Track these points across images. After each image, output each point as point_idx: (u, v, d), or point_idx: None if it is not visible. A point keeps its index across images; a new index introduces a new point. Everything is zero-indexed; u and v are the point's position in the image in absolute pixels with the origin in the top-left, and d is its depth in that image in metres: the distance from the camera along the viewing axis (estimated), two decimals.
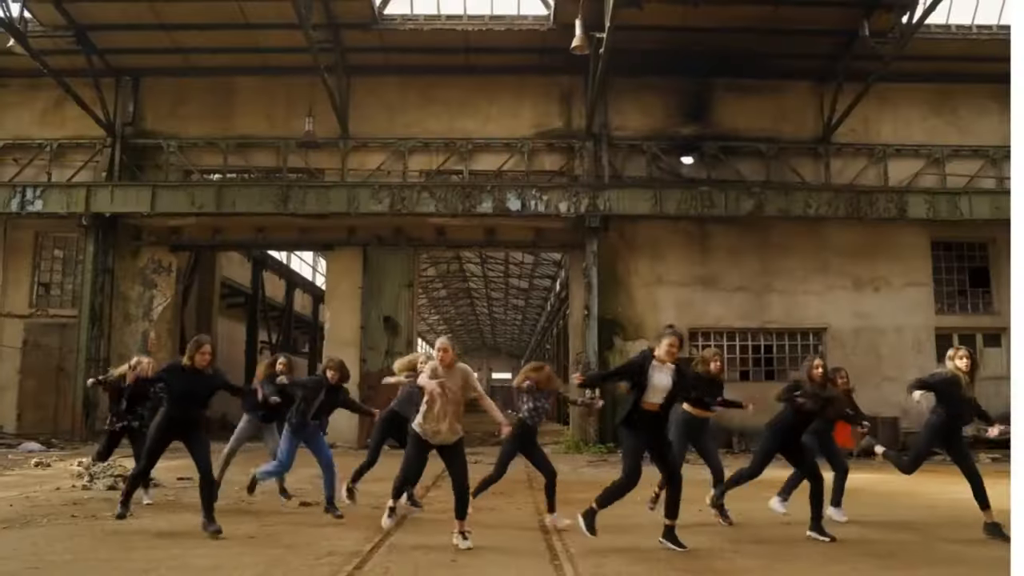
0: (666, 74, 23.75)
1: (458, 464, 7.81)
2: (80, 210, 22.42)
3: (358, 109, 23.86)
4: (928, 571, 6.62)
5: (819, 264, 23.38)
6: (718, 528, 8.66)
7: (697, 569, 6.65)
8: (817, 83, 23.92)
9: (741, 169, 23.55)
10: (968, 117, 24.45)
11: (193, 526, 8.16)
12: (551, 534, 8.31)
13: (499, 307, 61.50)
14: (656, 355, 7.68)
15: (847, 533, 8.46)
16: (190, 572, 6.31)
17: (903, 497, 11.70)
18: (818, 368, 8.63)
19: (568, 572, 6.50)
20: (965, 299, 24.05)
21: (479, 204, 22.19)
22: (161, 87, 24.44)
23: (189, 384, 8.42)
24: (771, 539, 8.05)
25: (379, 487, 10.57)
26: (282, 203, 22.13)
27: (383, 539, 7.89)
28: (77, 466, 13.94)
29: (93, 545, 7.45)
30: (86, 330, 22.21)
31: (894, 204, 22.47)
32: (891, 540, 8.30)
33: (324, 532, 8.31)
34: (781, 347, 23.19)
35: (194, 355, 8.43)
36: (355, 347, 22.58)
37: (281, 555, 7.05)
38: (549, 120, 24.07)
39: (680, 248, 23.32)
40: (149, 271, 23.46)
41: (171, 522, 8.56)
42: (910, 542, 8.20)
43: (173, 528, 8.22)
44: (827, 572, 6.58)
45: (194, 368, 8.42)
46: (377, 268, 23.08)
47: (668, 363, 7.67)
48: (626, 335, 22.69)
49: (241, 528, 8.33)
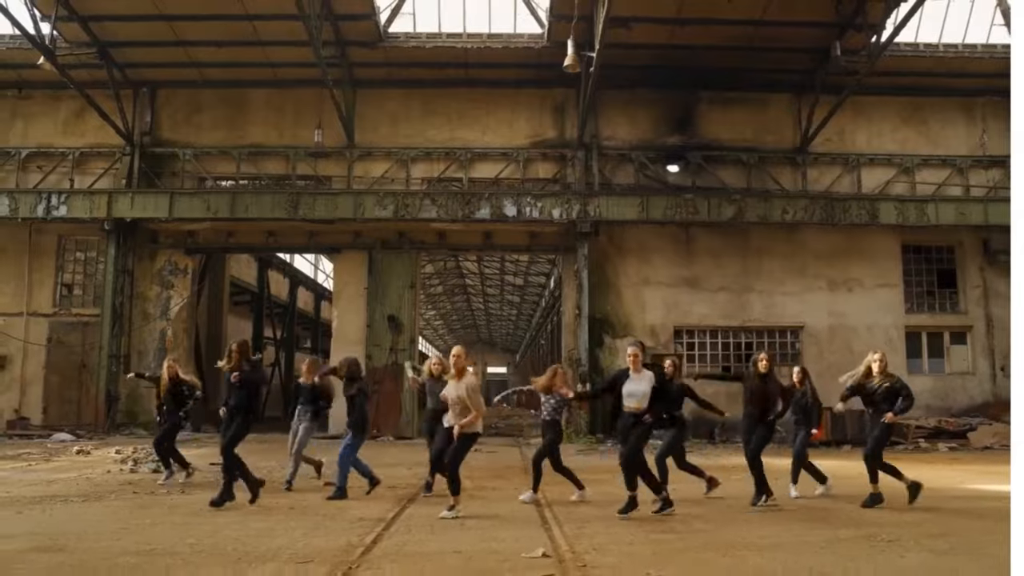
0: (653, 88, 25.23)
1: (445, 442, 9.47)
2: (102, 215, 23.82)
3: (363, 120, 25.31)
4: (849, 531, 8.13)
5: (796, 266, 24.88)
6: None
7: (661, 530, 8.17)
8: (795, 96, 25.37)
9: (723, 177, 25.01)
10: (936, 128, 25.92)
11: (240, 502, 9.62)
12: (543, 507, 9.82)
13: (495, 303, 62.39)
14: (628, 366, 9.30)
15: (792, 505, 9.98)
16: (249, 532, 7.77)
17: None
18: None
19: (556, 531, 8.02)
20: (933, 299, 25.58)
21: (477, 210, 23.63)
22: (177, 98, 25.91)
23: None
24: (719, 511, 9.57)
25: (392, 472, 12.13)
26: (292, 209, 23.53)
27: (402, 510, 9.40)
28: (115, 453, 15.44)
29: (164, 513, 8.96)
30: (108, 328, 23.63)
31: (866, 210, 23.93)
32: (824, 508, 9.84)
33: (351, 504, 9.84)
34: (761, 344, 24.57)
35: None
36: (361, 345, 24.01)
37: (321, 520, 8.59)
38: (543, 130, 25.54)
39: (666, 251, 24.79)
40: (166, 272, 24.89)
41: None
42: (839, 509, 9.74)
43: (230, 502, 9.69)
44: (764, 531, 8.09)
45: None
46: (381, 270, 24.52)
47: (643, 371, 9.22)
48: (615, 333, 24.15)
49: (282, 502, 9.88)
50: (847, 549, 7.21)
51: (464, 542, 7.41)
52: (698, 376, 12.50)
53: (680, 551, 7.15)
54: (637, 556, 6.87)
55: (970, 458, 17.78)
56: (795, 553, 7.05)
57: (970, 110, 25.84)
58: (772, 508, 9.62)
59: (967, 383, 24.69)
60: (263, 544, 7.18)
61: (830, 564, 6.62)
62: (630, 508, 9.06)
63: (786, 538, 7.77)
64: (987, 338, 24.61)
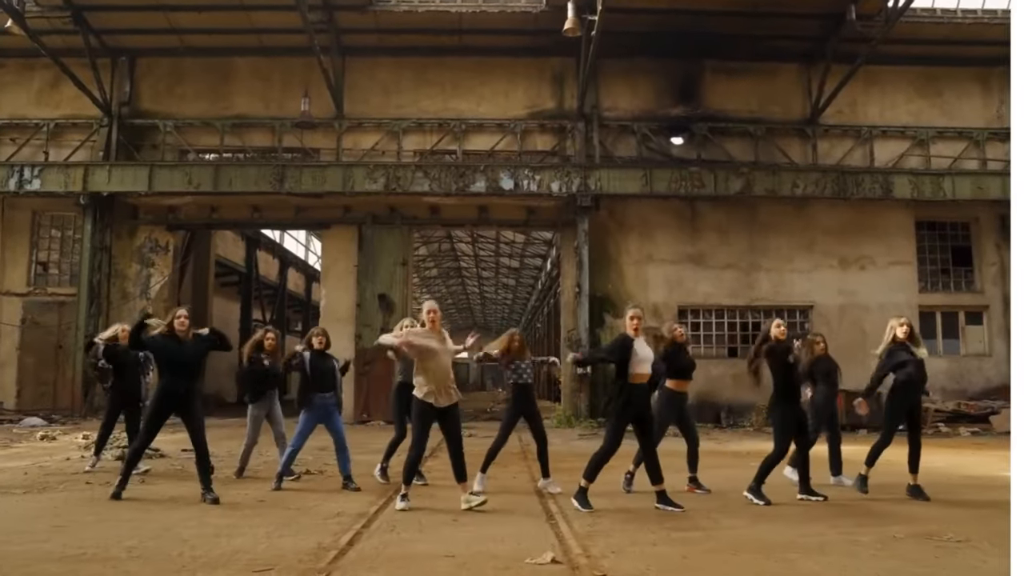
0: (656, 56, 24.07)
1: (456, 428, 8.08)
2: (78, 189, 22.67)
3: (353, 90, 24.16)
4: (901, 527, 7.05)
5: (806, 243, 23.83)
6: (697, 495, 9.06)
7: (685, 527, 7.08)
8: (805, 65, 24.28)
9: (730, 150, 23.92)
10: (952, 99, 24.88)
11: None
12: (546, 498, 8.74)
13: (490, 286, 61.53)
14: (629, 333, 8.17)
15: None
16: (205, 531, 6.69)
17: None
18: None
19: (564, 529, 6.93)
20: (948, 277, 24.56)
21: (472, 183, 22.52)
22: (158, 67, 24.69)
23: (174, 354, 8.51)
24: (740, 504, 8.47)
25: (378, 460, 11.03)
26: (278, 182, 22.41)
27: (387, 502, 8.31)
28: (83, 439, 14.34)
29: (113, 507, 7.86)
30: (84, 308, 22.52)
31: (879, 184, 22.90)
32: (866, 501, 8.76)
33: (331, 497, 8.73)
34: None
35: (172, 322, 8.57)
36: (350, 324, 22.97)
37: (292, 516, 7.48)
38: (541, 101, 24.40)
39: (669, 227, 23.72)
40: (146, 250, 23.75)
41: (183, 489, 8.95)
42: (873, 502, 8.65)
43: (186, 494, 8.58)
44: (806, 530, 7.01)
45: (175, 336, 8.55)
46: (372, 246, 23.41)
47: (642, 337, 8.21)
48: (616, 312, 23.07)
49: (251, 494, 8.77)
50: (910, 551, 6.11)
51: (457, 542, 6.32)
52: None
53: (713, 553, 6.07)
54: (665, 561, 5.77)
55: (995, 443, 16.71)
56: (850, 556, 5.94)
57: (986, 80, 24.74)
58: (807, 501, 8.57)
59: (983, 365, 23.69)
60: (217, 546, 6.07)
61: (900, 572, 5.53)
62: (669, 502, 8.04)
63: (832, 537, 6.67)
64: (1004, 318, 23.49)
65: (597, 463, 8.10)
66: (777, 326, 8.86)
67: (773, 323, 8.90)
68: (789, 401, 8.76)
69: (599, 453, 8.09)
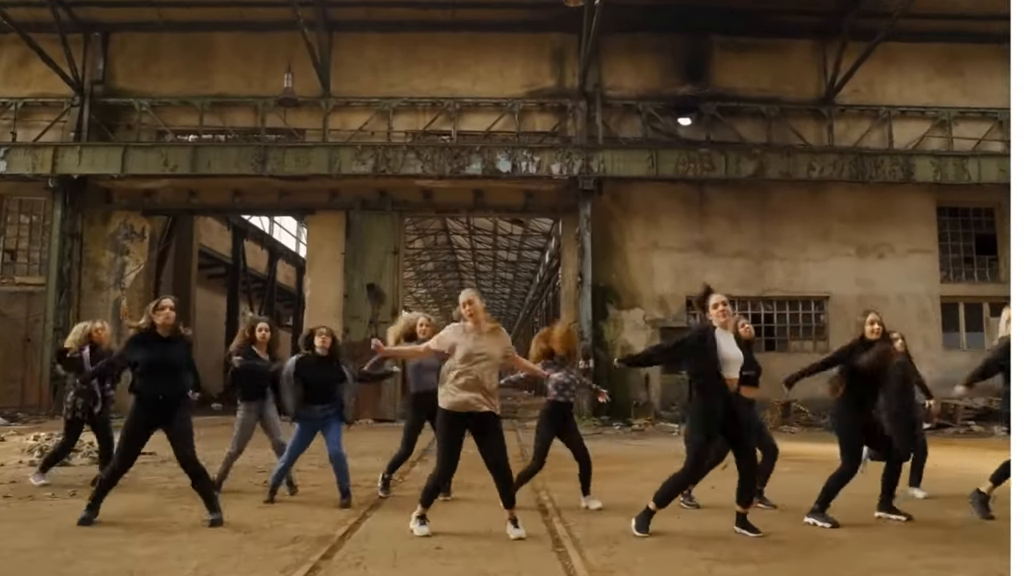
0: (662, 31, 22.77)
1: (496, 441, 6.55)
2: (47, 172, 21.29)
3: (340, 67, 22.78)
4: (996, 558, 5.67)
5: (820, 230, 22.52)
6: (756, 509, 7.54)
7: (728, 557, 5.67)
8: (819, 41, 23.01)
9: (741, 131, 22.59)
10: (974, 78, 23.54)
11: (142, 510, 7.16)
12: (551, 515, 7.32)
13: (487, 280, 60.55)
14: (713, 323, 6.60)
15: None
16: (123, 563, 5.31)
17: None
18: None
19: (575, 560, 5.53)
20: (971, 267, 23.23)
21: (467, 165, 21.16)
22: (133, 43, 23.28)
23: (156, 354, 6.79)
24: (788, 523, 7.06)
25: (359, 463, 9.65)
26: (260, 164, 21.05)
27: (359, 521, 6.91)
28: (33, 440, 12.95)
29: (15, 530, 6.42)
30: (53, 298, 21.12)
31: (900, 167, 21.59)
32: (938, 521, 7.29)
33: (292, 513, 7.30)
34: (782, 316, 22.35)
35: (153, 317, 6.89)
36: (337, 317, 21.60)
37: (237, 542, 6.03)
38: (540, 79, 23.06)
39: (676, 212, 22.41)
40: (121, 236, 22.37)
41: (119, 505, 7.37)
42: (959, 522, 7.21)
43: (118, 512, 7.01)
44: (876, 559, 5.63)
45: (156, 334, 6.86)
46: (360, 233, 22.02)
47: (729, 331, 6.70)
48: (621, 304, 21.81)
49: (196, 511, 7.13)
50: None
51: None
52: None
53: None
54: None
55: None
56: None
57: (1010, 58, 23.31)
58: (886, 520, 7.14)
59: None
60: None
61: None
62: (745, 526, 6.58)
63: (917, 569, 5.27)
64: None
65: (676, 487, 6.63)
66: (871, 322, 7.33)
67: (867, 318, 7.41)
68: (863, 409, 7.22)
69: (679, 475, 6.58)
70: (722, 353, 6.44)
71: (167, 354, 6.85)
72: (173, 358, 6.90)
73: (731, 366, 6.49)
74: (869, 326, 7.34)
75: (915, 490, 8.65)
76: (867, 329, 7.33)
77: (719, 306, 6.59)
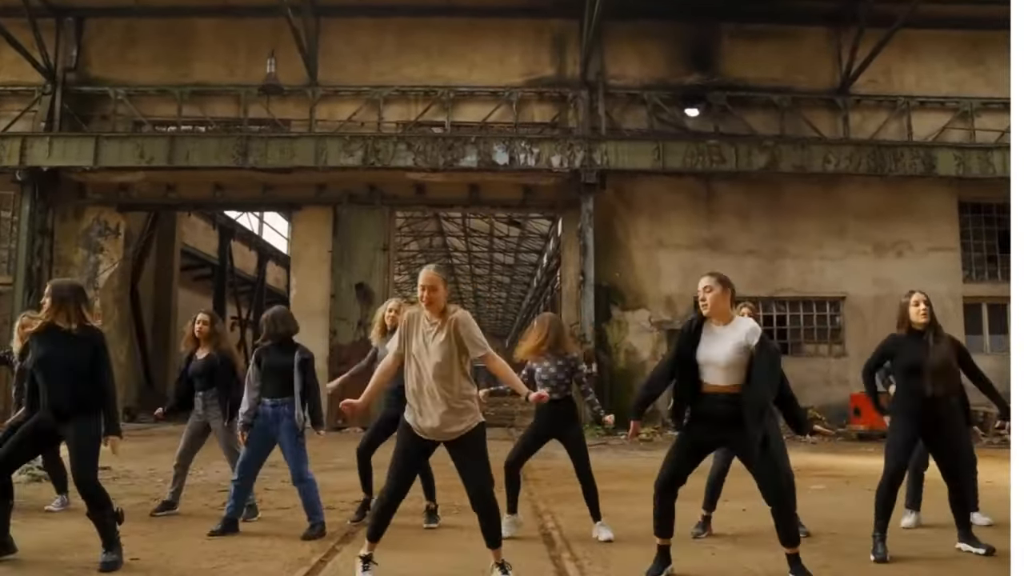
0: (668, 17, 21.63)
1: (471, 462, 5.19)
2: (14, 163, 20.02)
3: (328, 54, 21.63)
4: None
5: (836, 227, 21.38)
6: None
7: None
8: (834, 28, 21.91)
9: (751, 122, 21.43)
10: (996, 67, 22.21)
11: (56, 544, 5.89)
12: (559, 549, 6.03)
13: (483, 284, 59.88)
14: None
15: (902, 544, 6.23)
16: None
17: None
18: None
19: None
20: (995, 266, 21.99)
21: (462, 158, 19.96)
22: (108, 29, 22.09)
23: (50, 350, 5.61)
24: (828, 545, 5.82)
25: (336, 480, 8.38)
26: (241, 156, 19.83)
27: (325, 558, 5.65)
28: None
29: None
30: (20, 298, 19.84)
31: (920, 160, 20.43)
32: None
33: (244, 547, 6.00)
34: (795, 318, 21.18)
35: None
36: (324, 317, 20.51)
37: None
38: (539, 67, 21.92)
39: (683, 208, 21.28)
40: (94, 233, 21.18)
41: (34, 535, 6.12)
42: None
43: (32, 544, 5.82)
44: None
45: (55, 327, 5.63)
46: (349, 229, 20.83)
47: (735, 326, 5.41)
48: (625, 304, 20.67)
49: (125, 543, 5.73)
50: None
51: None
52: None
53: None
54: None
55: None
56: None
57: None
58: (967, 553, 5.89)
59: None
60: None
61: None
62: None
63: None
64: None
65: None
66: (916, 304, 6.08)
67: (911, 299, 6.14)
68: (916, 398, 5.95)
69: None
70: (703, 353, 5.15)
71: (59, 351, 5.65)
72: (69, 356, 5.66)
73: (716, 372, 5.16)
74: (915, 307, 6.08)
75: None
76: (912, 311, 6.08)
77: (700, 291, 5.38)
